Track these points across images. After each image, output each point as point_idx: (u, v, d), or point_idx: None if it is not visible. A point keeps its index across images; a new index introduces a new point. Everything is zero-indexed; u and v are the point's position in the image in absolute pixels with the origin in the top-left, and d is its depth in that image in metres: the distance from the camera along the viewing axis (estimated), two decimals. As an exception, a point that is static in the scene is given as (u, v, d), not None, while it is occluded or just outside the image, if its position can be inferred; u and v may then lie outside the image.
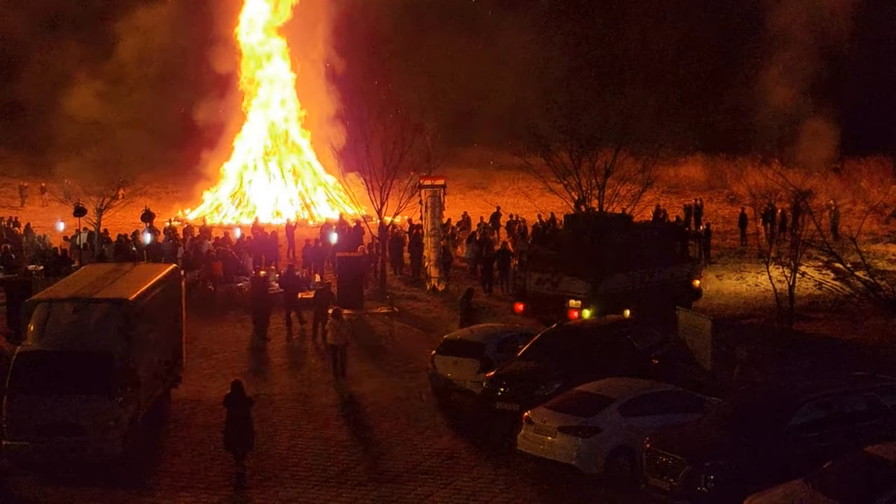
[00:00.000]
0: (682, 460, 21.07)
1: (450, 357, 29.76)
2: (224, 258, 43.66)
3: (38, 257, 46.13)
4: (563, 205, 39.84)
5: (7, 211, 67.23)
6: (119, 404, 23.79)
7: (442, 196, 45.41)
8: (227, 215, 67.18)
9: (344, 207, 65.44)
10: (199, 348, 34.33)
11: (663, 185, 69.85)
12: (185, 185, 74.97)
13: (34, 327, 24.90)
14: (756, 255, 47.16)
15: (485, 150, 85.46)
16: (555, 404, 24.44)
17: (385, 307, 39.99)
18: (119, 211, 51.14)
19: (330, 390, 30.78)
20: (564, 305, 36.46)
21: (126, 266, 31.27)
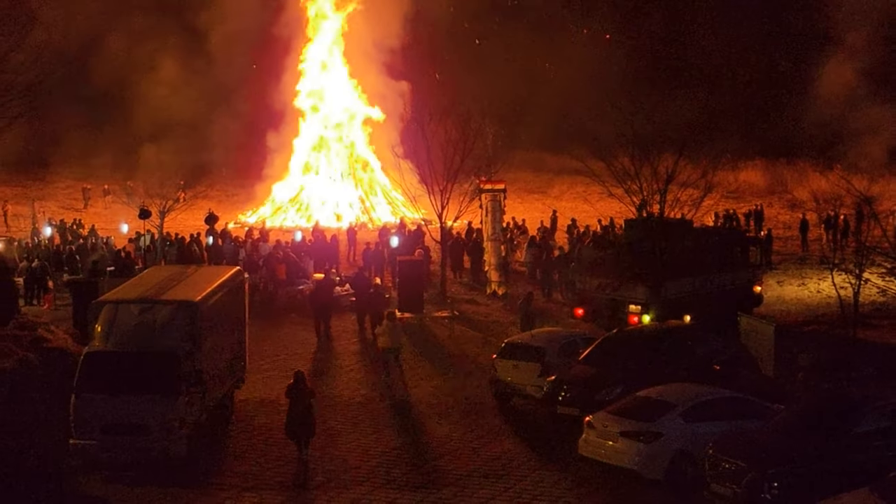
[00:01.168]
0: (745, 467, 21.01)
1: (510, 361, 29.81)
2: (285, 261, 43.97)
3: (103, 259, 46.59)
4: (623, 209, 39.73)
5: (71, 213, 68.09)
6: (184, 405, 24.05)
7: (502, 200, 45.42)
8: (287, 218, 67.58)
9: (403, 211, 65.66)
10: (261, 350, 34.56)
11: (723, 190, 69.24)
12: (245, 188, 75.54)
13: (101, 328, 25.22)
14: (817, 261, 46.72)
15: (543, 154, 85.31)
16: (616, 409, 24.43)
17: (445, 311, 40.06)
18: (181, 213, 51.62)
19: (391, 393, 30.91)
20: (624, 310, 36.39)
21: (191, 268, 31.60)
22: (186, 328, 25.01)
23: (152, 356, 24.37)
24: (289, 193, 70.09)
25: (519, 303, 38.14)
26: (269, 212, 68.96)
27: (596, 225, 53.23)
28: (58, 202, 75.43)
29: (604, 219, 51.79)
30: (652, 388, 24.79)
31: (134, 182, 56.08)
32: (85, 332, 28.36)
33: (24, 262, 43.91)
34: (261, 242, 49.95)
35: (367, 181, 70.49)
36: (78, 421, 24.06)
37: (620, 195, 37.58)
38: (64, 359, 28.87)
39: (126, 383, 24.03)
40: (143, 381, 24.00)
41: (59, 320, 35.49)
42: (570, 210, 63.77)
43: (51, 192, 79.66)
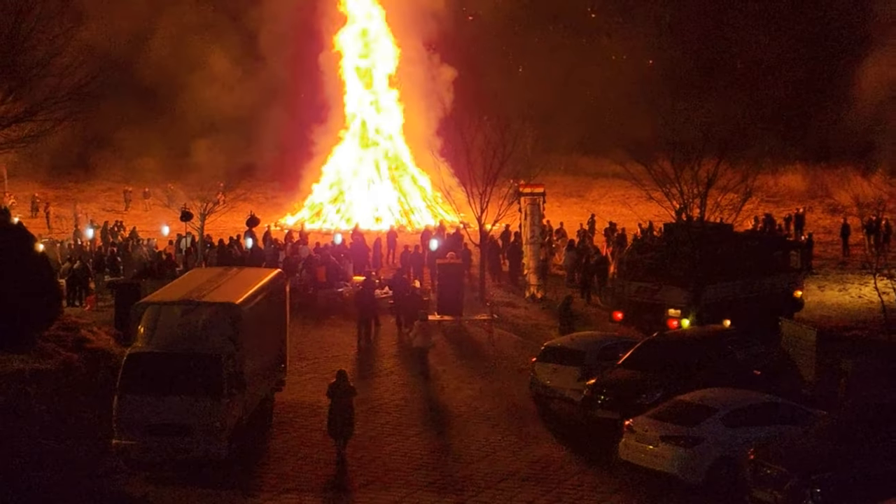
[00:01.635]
0: (787, 472, 20.91)
1: (550, 364, 29.82)
2: (325, 264, 44.11)
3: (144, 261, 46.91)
4: (663, 213, 39.67)
5: (112, 215, 68.56)
6: (225, 406, 24.17)
7: (541, 204, 45.40)
8: (326, 221, 67.77)
9: (443, 214, 65.73)
10: (301, 353, 34.71)
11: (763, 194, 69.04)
12: (284, 190, 75.83)
13: (143, 329, 25.41)
14: (859, 266, 46.50)
15: (582, 157, 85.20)
16: (656, 413, 24.39)
17: (484, 314, 40.08)
18: (222, 216, 51.89)
19: (431, 395, 30.99)
20: (664, 314, 36.34)
21: (232, 270, 31.72)
22: (228, 330, 25.14)
23: (194, 358, 24.52)
24: (328, 196, 70.27)
25: (558, 306, 38.13)
26: (308, 214, 69.17)
27: (635, 229, 53.11)
28: (99, 204, 75.90)
29: (643, 222, 51.67)
30: (692, 393, 24.76)
31: (175, 184, 56.39)
32: (127, 333, 28.57)
33: (67, 264, 44.25)
34: (300, 245, 50.10)
35: (406, 184, 70.57)
36: (120, 421, 24.21)
37: (660, 199, 37.51)
38: (106, 360, 29.25)
39: (168, 384, 24.18)
40: (184, 383, 24.15)
41: (101, 322, 35.77)
42: (608, 214, 63.59)
43: (92, 194, 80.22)
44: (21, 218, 49.95)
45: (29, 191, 75.90)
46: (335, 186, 70.52)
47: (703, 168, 36.64)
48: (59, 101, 35.54)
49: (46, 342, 29.33)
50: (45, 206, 71.24)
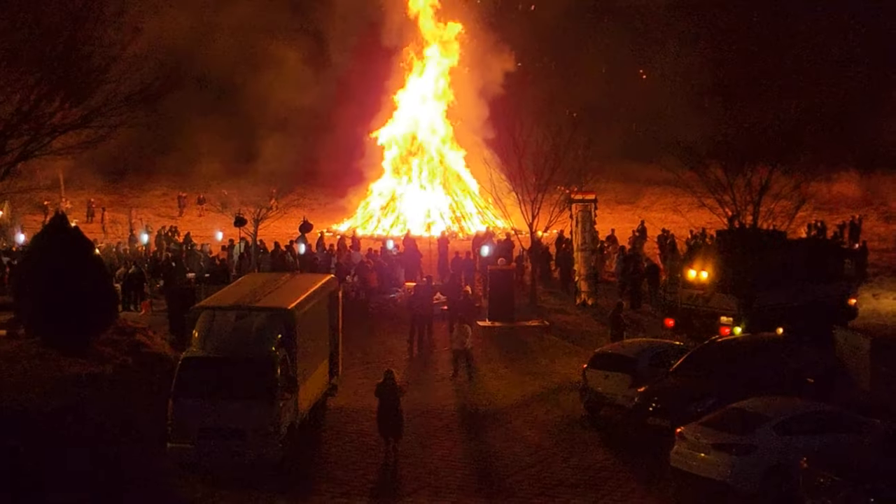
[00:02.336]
0: (841, 482, 20.76)
1: (601, 371, 29.77)
2: (377, 269, 44.32)
3: (199, 266, 47.36)
4: (715, 220, 39.50)
5: (166, 220, 69.21)
6: (279, 410, 24.35)
7: (593, 211, 45.39)
8: (378, 227, 68.06)
9: (494, 221, 65.81)
10: (353, 358, 34.89)
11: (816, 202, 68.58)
12: (337, 196, 76.19)
13: (198, 334, 25.64)
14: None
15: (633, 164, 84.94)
16: (709, 421, 24.30)
17: (536, 320, 40.09)
18: (275, 221, 52.24)
19: (482, 401, 31.05)
20: (716, 322, 36.18)
21: (285, 276, 31.99)
22: (281, 335, 25.36)
23: (248, 362, 24.70)
24: (380, 202, 70.56)
25: (609, 313, 38.10)
26: (360, 220, 69.49)
27: (686, 235, 52.93)
28: (153, 209, 76.74)
29: (695, 229, 51.49)
30: (745, 401, 24.63)
31: (229, 190, 56.85)
32: (181, 337, 28.87)
33: (122, 269, 44.75)
34: (352, 251, 50.37)
35: (458, 191, 70.72)
36: (175, 424, 24.43)
37: (712, 206, 37.37)
38: (161, 363, 29.53)
39: (222, 388, 24.40)
40: (238, 387, 24.36)
41: (155, 326, 36.15)
42: (659, 221, 63.46)
43: (147, 199, 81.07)
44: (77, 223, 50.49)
45: (85, 196, 76.82)
46: (387, 193, 70.79)
47: (756, 175, 36.47)
48: (115, 107, 35.92)
49: (103, 346, 29.66)
50: (101, 211, 72.08)
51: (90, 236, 36.48)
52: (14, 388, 25.80)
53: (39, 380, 26.52)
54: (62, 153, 38.15)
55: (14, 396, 25.30)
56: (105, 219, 70.76)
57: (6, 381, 26.31)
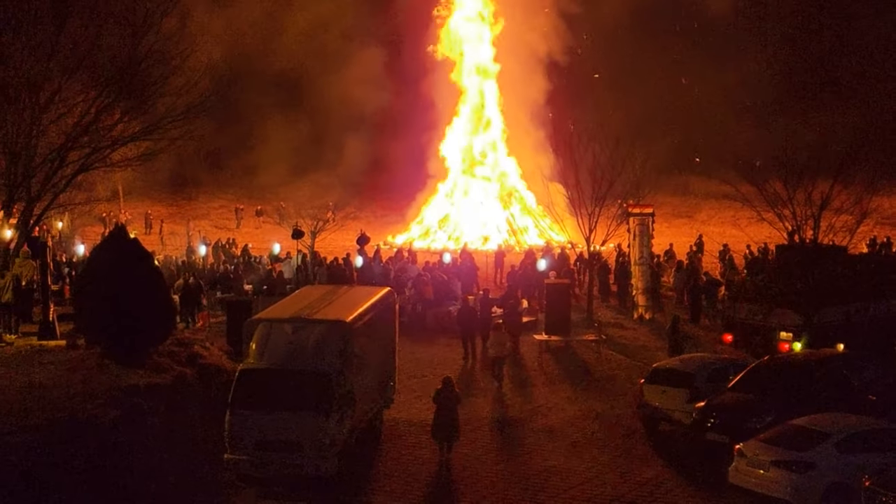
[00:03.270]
0: (904, 501, 20.48)
1: (658, 386, 29.57)
2: (434, 282, 44.34)
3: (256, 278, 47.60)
4: (774, 234, 39.11)
5: (224, 232, 69.69)
6: (335, 423, 24.36)
7: (650, 224, 45.16)
8: (435, 240, 68.15)
9: (550, 234, 65.67)
10: (409, 371, 34.87)
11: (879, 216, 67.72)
12: (394, 209, 76.39)
13: (255, 346, 25.71)
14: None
15: (691, 177, 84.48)
16: (768, 437, 24.07)
17: (592, 334, 39.91)
18: (332, 234, 52.43)
19: (539, 415, 30.94)
20: (775, 337, 35.86)
21: (342, 288, 32.04)
22: (338, 347, 25.35)
23: (305, 374, 24.72)
24: (437, 216, 70.65)
25: (666, 328, 37.84)
26: (417, 233, 69.61)
27: (745, 250, 52.48)
28: (210, 221, 77.31)
29: (754, 244, 51.06)
30: (805, 417, 24.38)
31: (286, 203, 57.16)
32: (239, 349, 28.97)
33: (180, 280, 45.04)
34: (409, 263, 50.42)
35: (515, 204, 70.66)
36: (232, 436, 24.52)
37: (772, 220, 37.04)
38: (219, 375, 29.65)
39: (279, 401, 24.44)
40: (295, 399, 24.38)
41: (213, 337, 36.33)
42: (718, 235, 63.01)
43: (204, 211, 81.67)
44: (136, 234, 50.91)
45: (143, 208, 77.55)
46: (444, 206, 70.88)
47: (817, 189, 36.12)
48: (175, 119, 36.29)
49: (161, 357, 29.82)
50: (159, 223, 72.75)
51: (149, 248, 36.77)
52: (74, 398, 26.00)
53: (99, 390, 26.69)
54: (121, 165, 38.60)
55: (74, 406, 25.49)
56: (163, 231, 71.40)
57: (66, 391, 26.53)
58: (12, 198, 34.85)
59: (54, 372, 28.50)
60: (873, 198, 38.39)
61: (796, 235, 36.31)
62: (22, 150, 34.29)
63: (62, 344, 31.94)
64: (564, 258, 51.90)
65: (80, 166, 36.04)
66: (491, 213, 69.83)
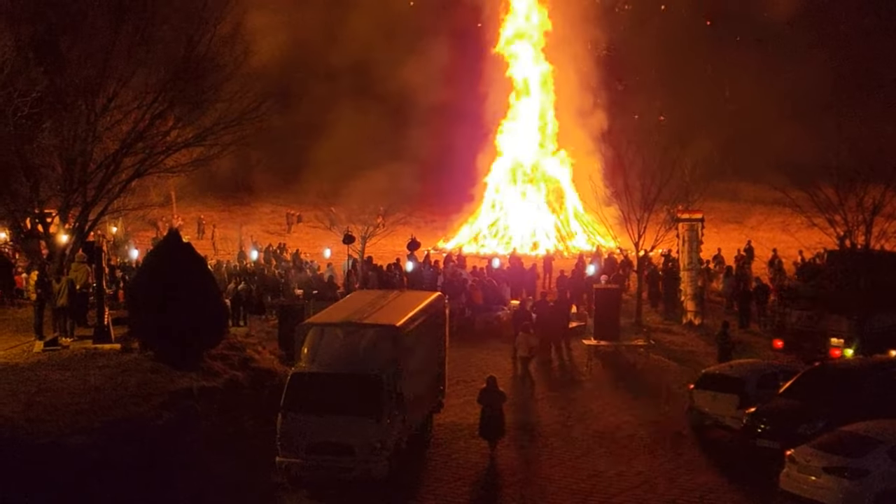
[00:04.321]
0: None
1: (709, 392, 29.56)
2: (483, 287, 44.45)
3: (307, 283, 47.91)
4: (825, 240, 38.93)
5: (274, 237, 70.15)
6: (386, 427, 24.56)
7: (700, 230, 45.03)
8: (484, 245, 68.24)
9: (599, 240, 65.61)
10: (459, 376, 34.97)
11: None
12: (443, 214, 76.56)
13: (307, 350, 25.99)
14: None
15: (740, 183, 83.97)
16: (820, 444, 24.00)
17: (641, 339, 39.87)
18: (382, 239, 52.66)
19: (588, 420, 30.99)
20: (826, 343, 35.69)
21: (393, 293, 32.23)
22: (389, 352, 25.55)
23: (356, 378, 24.96)
24: (487, 221, 70.75)
25: (716, 333, 37.76)
26: (466, 238, 69.74)
27: (795, 256, 52.20)
28: (262, 226, 77.81)
29: (806, 250, 50.76)
30: (857, 424, 24.27)
31: (337, 208, 57.50)
32: (290, 353, 29.23)
33: (232, 284, 45.42)
34: (459, 268, 50.56)
35: (564, 210, 70.66)
36: (284, 439, 24.81)
37: (822, 225, 36.85)
38: (271, 379, 29.99)
39: (331, 404, 24.68)
40: (347, 403, 24.61)
41: (265, 342, 36.64)
42: (767, 240, 62.58)
43: (256, 216, 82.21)
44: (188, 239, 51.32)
45: (195, 212, 78.19)
46: (494, 212, 70.98)
47: (869, 195, 35.91)
48: (228, 125, 36.64)
49: (214, 361, 30.16)
50: (211, 228, 73.35)
51: (201, 253, 37.15)
52: (129, 401, 26.38)
53: (153, 392, 27.07)
54: (175, 171, 39.01)
55: (128, 408, 25.86)
56: (215, 235, 71.95)
57: (121, 394, 26.91)
58: (68, 203, 35.34)
59: (109, 375, 28.88)
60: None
61: (847, 241, 36.13)
62: (78, 156, 34.77)
63: (117, 347, 32.32)
64: (613, 263, 51.83)
65: (135, 172, 36.50)
66: (540, 219, 69.83)
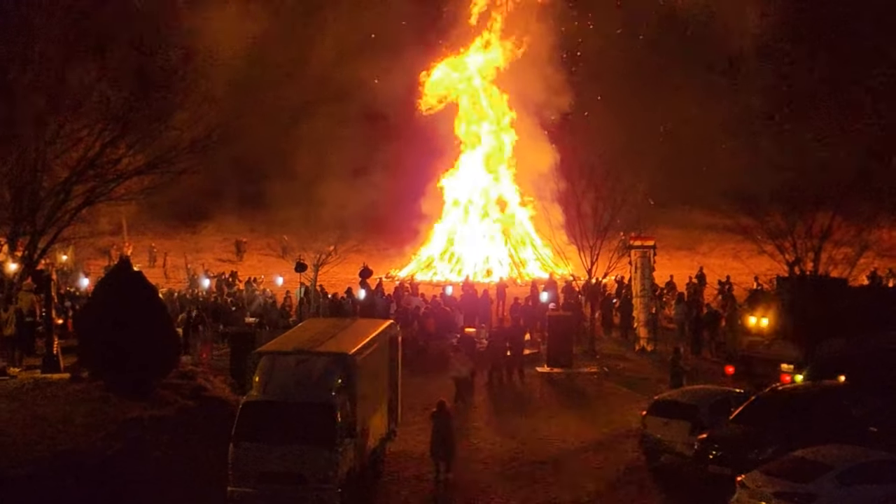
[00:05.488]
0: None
1: (661, 418, 29.62)
2: (436, 315, 44.43)
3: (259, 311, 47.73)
4: (775, 267, 39.24)
5: (226, 265, 69.78)
6: (339, 456, 24.41)
7: (652, 257, 45.29)
8: (437, 272, 68.19)
9: (553, 267, 65.73)
10: (412, 403, 34.83)
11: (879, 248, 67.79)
12: (395, 242, 76.43)
13: (259, 378, 25.79)
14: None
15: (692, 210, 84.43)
16: (770, 469, 24.13)
17: (594, 366, 39.99)
18: (334, 267, 52.50)
19: (541, 447, 30.98)
20: (777, 369, 35.92)
21: (346, 321, 32.19)
22: (341, 380, 25.47)
23: (308, 407, 24.80)
24: (439, 248, 70.72)
25: (668, 360, 37.94)
26: (419, 266, 69.68)
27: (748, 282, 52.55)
28: (213, 254, 77.37)
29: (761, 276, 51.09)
30: (807, 449, 24.43)
31: (289, 236, 57.29)
32: (242, 381, 29.09)
33: (183, 314, 45.14)
34: (412, 296, 50.53)
35: (517, 237, 70.76)
36: (235, 468, 24.57)
37: (772, 252, 37.18)
38: (222, 407, 29.78)
39: (283, 433, 24.50)
40: (299, 432, 24.45)
41: (216, 370, 36.42)
42: (719, 267, 62.85)
43: (207, 244, 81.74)
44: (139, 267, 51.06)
45: (147, 241, 77.64)
46: (446, 239, 70.96)
47: (817, 221, 36.27)
48: (179, 153, 36.48)
49: (165, 390, 29.99)
50: (162, 257, 72.89)
51: (152, 281, 36.91)
52: (78, 431, 26.15)
53: (103, 422, 26.87)
54: (126, 199, 38.79)
55: (78, 439, 25.63)
56: (167, 264, 71.48)
57: (70, 424, 26.66)
58: (17, 231, 35.04)
59: (58, 405, 28.64)
60: (873, 230, 38.58)
61: (797, 268, 36.46)
62: (27, 184, 34.51)
63: (66, 377, 32.05)
64: (571, 290, 51.99)
65: (85, 200, 36.23)
66: (493, 246, 69.89)
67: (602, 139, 71.99)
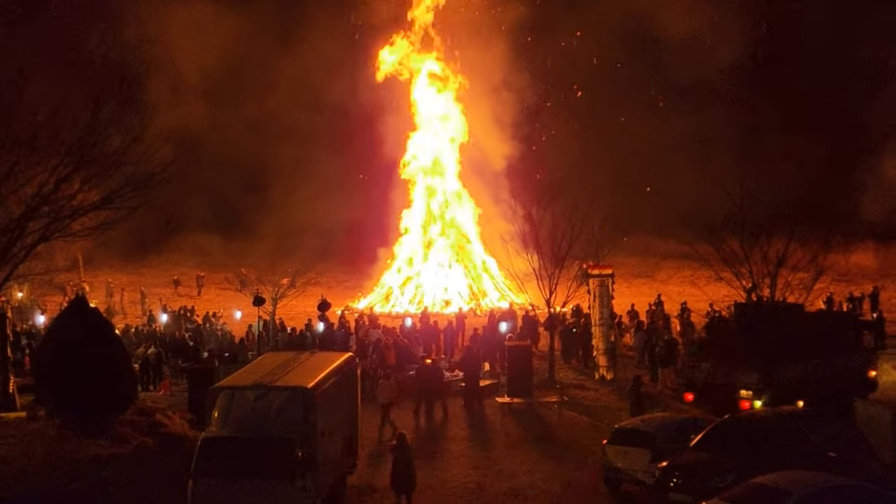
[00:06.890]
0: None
1: (621, 447, 29.67)
2: (396, 347, 44.36)
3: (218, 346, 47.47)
4: (732, 293, 39.46)
5: (184, 300, 69.46)
6: (299, 490, 24.34)
7: (610, 285, 45.44)
8: (396, 304, 68.15)
9: (511, 297, 65.84)
10: (372, 436, 34.81)
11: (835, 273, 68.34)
12: (354, 274, 76.42)
13: (217, 414, 25.70)
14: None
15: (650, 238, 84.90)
16: (730, 496, 24.10)
17: (554, 396, 40.01)
18: (293, 300, 52.35)
19: (502, 477, 30.93)
20: (735, 395, 36.05)
21: (304, 354, 32.01)
22: (300, 414, 25.37)
23: (267, 441, 24.75)
24: (398, 280, 70.72)
25: (628, 388, 38.03)
26: (378, 298, 69.63)
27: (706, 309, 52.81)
28: (171, 289, 77.05)
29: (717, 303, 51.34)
30: (766, 475, 24.46)
31: (247, 269, 57.13)
32: (201, 417, 28.91)
33: (141, 349, 44.86)
34: (371, 328, 50.45)
35: (475, 268, 70.85)
36: (195, 505, 24.47)
37: (729, 279, 37.37)
38: (181, 444, 29.54)
39: (242, 468, 24.42)
40: (258, 467, 24.40)
41: (175, 406, 36.16)
42: (677, 294, 63.35)
43: (165, 279, 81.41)
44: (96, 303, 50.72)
45: (104, 276, 77.22)
46: (405, 271, 70.99)
47: (773, 247, 36.51)
48: (135, 188, 36.22)
49: (123, 427, 29.72)
50: (119, 292, 72.48)
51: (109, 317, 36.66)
52: (35, 470, 25.86)
53: (60, 461, 26.60)
54: (82, 235, 38.42)
55: (36, 479, 25.35)
56: (124, 299, 71.10)
57: (27, 464, 26.37)
58: (-30, 269, 34.64)
59: (14, 444, 28.31)
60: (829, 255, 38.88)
61: (754, 294, 36.65)
62: (-22, 222, 34.14)
63: (22, 416, 31.71)
64: (531, 320, 52.07)
65: (40, 236, 35.85)
66: (452, 278, 69.94)
67: (559, 165, 72.41)
